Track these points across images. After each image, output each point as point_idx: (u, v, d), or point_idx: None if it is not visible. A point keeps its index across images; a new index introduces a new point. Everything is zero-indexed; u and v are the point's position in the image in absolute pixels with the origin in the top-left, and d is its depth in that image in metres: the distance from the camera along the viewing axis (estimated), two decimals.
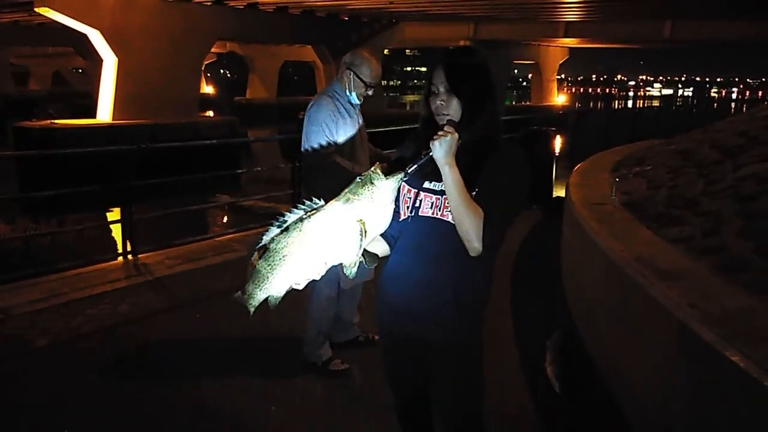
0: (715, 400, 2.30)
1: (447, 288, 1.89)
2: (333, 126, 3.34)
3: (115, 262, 5.71)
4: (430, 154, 1.78)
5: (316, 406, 3.28)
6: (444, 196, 1.84)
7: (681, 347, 2.56)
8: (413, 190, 1.92)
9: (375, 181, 1.77)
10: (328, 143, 3.32)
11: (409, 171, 1.81)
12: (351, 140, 3.42)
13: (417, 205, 1.91)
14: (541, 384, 3.52)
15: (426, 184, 1.91)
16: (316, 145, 3.34)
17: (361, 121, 3.54)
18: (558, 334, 3.94)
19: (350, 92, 3.40)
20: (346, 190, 1.79)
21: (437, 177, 1.85)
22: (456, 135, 1.79)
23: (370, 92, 3.42)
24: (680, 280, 2.85)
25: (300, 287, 1.80)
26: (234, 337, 4.05)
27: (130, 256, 5.69)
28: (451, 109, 1.88)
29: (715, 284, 2.84)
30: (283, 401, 3.31)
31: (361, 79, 3.36)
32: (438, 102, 1.89)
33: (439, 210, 1.87)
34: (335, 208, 1.76)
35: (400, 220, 1.92)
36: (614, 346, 3.39)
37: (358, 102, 3.45)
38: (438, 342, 1.96)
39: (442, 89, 1.89)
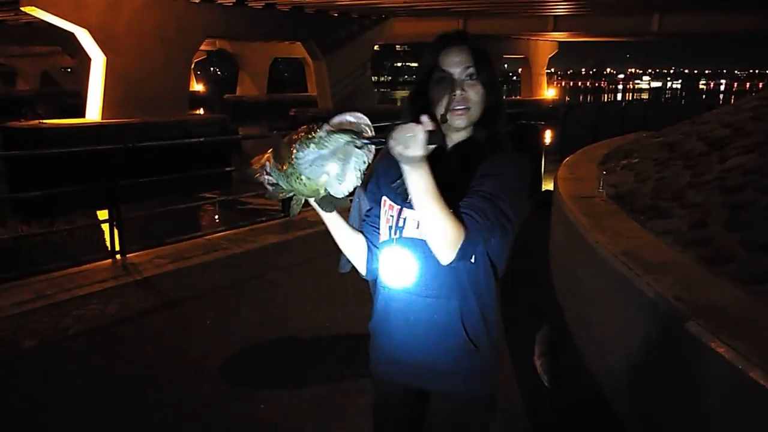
0: (702, 392, 2.31)
1: (457, 326, 1.54)
2: None
3: (103, 262, 5.66)
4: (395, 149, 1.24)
5: (306, 405, 3.27)
6: None
7: (668, 339, 2.57)
8: (396, 207, 1.57)
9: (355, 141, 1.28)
10: None
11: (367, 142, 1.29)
12: None
13: (401, 224, 1.56)
14: (530, 378, 3.52)
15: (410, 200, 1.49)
16: None
17: None
18: (547, 327, 3.94)
19: None
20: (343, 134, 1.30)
21: None
22: (435, 130, 1.23)
23: None
24: (667, 273, 2.86)
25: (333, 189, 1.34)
26: (224, 336, 4.04)
27: (118, 256, 5.66)
28: (474, 100, 1.52)
29: (702, 276, 2.85)
30: (271, 400, 3.30)
31: None
32: (458, 91, 1.50)
33: None
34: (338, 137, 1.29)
35: (381, 240, 1.61)
36: (603, 339, 3.40)
37: None
38: (452, 394, 1.61)
39: (463, 76, 1.51)
